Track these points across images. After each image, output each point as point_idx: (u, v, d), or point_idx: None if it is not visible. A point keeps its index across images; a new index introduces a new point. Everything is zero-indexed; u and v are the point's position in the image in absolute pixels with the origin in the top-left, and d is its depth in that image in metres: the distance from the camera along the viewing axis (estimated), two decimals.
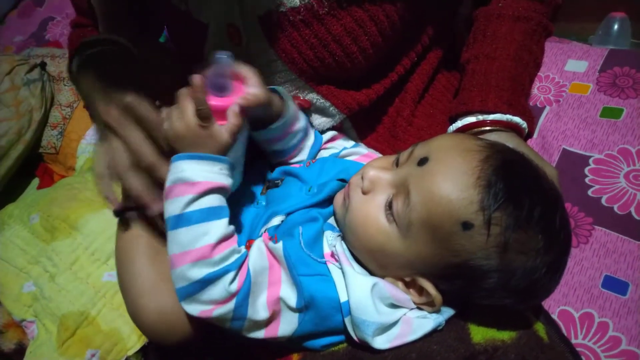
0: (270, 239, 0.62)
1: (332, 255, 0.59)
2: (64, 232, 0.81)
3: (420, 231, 0.53)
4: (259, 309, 0.57)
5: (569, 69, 0.99)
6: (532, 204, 0.51)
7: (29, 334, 0.78)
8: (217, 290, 0.55)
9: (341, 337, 0.59)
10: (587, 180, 0.83)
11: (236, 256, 0.57)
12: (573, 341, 0.70)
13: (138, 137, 0.63)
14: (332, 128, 0.79)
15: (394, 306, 0.56)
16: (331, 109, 0.76)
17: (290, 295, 0.57)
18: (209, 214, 0.56)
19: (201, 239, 0.55)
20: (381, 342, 0.55)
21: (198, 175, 0.56)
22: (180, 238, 0.55)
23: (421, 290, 0.57)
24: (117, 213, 0.68)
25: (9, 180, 1.17)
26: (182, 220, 0.55)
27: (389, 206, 0.56)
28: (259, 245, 0.60)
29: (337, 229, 0.63)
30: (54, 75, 1.29)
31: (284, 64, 0.73)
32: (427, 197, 0.52)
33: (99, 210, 0.84)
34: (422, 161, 0.55)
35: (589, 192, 0.82)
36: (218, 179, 0.57)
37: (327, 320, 0.58)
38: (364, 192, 0.58)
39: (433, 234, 0.52)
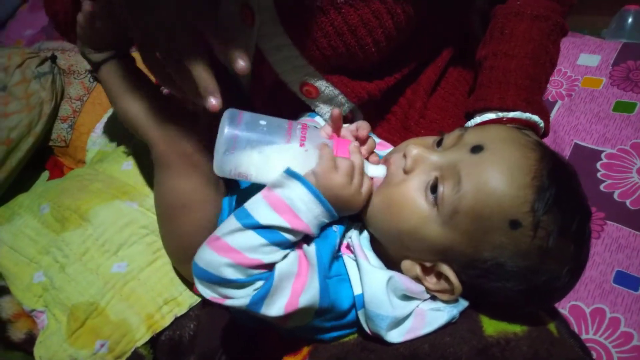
0: None
1: (348, 246, 0.59)
2: (74, 223, 0.81)
3: (464, 220, 0.51)
4: (273, 310, 0.53)
5: (581, 62, 0.99)
6: (575, 213, 0.52)
7: (39, 324, 0.78)
8: (240, 292, 0.53)
9: (352, 329, 0.59)
10: (599, 175, 0.83)
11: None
12: (583, 336, 0.70)
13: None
14: (344, 119, 0.78)
15: (406, 298, 0.56)
16: (340, 97, 0.76)
17: (311, 302, 0.54)
18: (282, 244, 0.54)
19: (257, 254, 0.52)
20: (395, 336, 0.55)
21: (307, 216, 0.54)
22: (242, 238, 0.52)
23: (439, 276, 0.56)
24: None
25: (19, 173, 1.18)
26: (258, 229, 0.53)
27: (432, 189, 0.54)
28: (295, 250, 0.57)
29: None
30: (64, 69, 1.30)
31: (295, 50, 0.72)
32: (481, 187, 0.51)
33: (110, 201, 0.84)
34: (477, 149, 0.53)
35: (601, 187, 0.82)
36: (315, 228, 0.55)
37: (342, 318, 0.57)
38: (406, 171, 0.56)
39: (476, 226, 0.51)
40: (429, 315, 0.55)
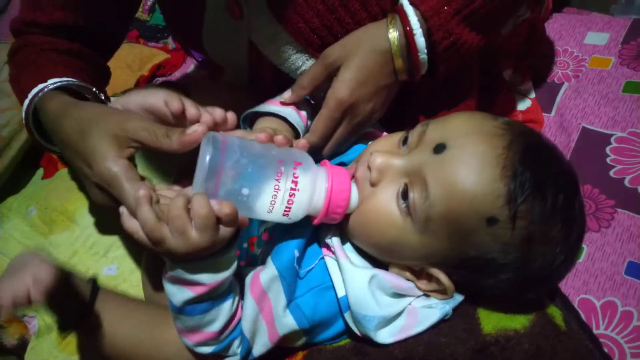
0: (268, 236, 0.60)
1: (328, 247, 0.56)
2: (61, 225, 0.79)
3: (439, 226, 0.49)
4: (260, 348, 0.55)
5: (588, 41, 0.95)
6: (557, 193, 0.48)
7: (30, 329, 0.77)
8: (228, 353, 0.56)
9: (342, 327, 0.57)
10: (608, 160, 0.80)
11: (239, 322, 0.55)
12: (594, 332, 0.66)
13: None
14: None
15: (397, 295, 0.54)
16: None
17: (290, 325, 0.54)
18: (213, 305, 0.52)
19: (207, 326, 0.52)
20: (385, 336, 0.52)
21: (203, 278, 0.49)
22: (183, 322, 0.53)
23: (430, 278, 0.54)
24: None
25: (12, 171, 1.15)
26: (183, 312, 0.52)
27: (404, 197, 0.51)
28: (246, 290, 0.55)
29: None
30: None
31: (290, 36, 0.69)
32: (449, 191, 0.48)
33: None
34: (439, 148, 0.49)
35: (611, 173, 0.78)
36: (223, 275, 0.50)
37: (331, 326, 0.56)
38: (372, 184, 0.53)
39: (453, 229, 0.48)
40: (421, 314, 0.53)
